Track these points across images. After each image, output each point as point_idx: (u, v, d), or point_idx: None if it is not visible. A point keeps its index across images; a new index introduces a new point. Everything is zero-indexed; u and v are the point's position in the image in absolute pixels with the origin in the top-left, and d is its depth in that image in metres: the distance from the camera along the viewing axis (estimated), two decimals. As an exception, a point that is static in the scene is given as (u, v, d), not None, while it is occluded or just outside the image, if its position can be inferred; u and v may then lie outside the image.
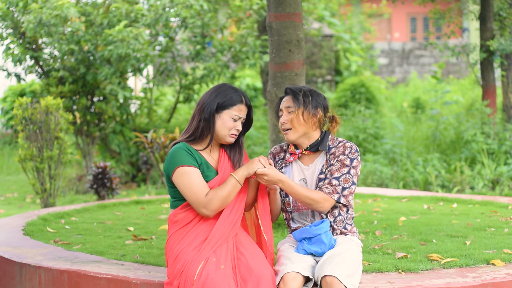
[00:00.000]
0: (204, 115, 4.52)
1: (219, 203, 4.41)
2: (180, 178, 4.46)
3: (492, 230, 6.38)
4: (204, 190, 4.43)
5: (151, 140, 10.59)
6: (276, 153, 4.97)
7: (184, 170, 4.45)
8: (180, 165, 4.46)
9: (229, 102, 4.54)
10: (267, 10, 6.71)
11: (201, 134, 4.55)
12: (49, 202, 9.49)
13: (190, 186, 4.43)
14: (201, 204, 4.42)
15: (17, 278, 5.45)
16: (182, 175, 4.46)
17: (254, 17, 14.32)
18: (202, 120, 4.53)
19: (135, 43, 12.06)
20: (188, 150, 4.50)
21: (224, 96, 4.54)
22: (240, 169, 4.46)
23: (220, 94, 4.55)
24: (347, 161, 4.68)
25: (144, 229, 6.88)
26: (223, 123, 4.54)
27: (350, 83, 19.14)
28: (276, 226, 6.59)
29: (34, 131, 9.28)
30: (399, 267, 4.94)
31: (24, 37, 12.62)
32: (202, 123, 4.53)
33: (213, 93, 4.56)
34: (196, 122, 4.55)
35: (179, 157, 4.47)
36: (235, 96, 4.56)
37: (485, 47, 13.42)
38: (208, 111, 4.52)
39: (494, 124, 13.42)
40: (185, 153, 4.48)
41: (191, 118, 4.61)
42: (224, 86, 4.61)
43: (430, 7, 15.03)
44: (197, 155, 4.53)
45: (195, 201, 4.43)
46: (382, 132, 15.20)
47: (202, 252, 4.35)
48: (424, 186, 12.49)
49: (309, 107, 4.72)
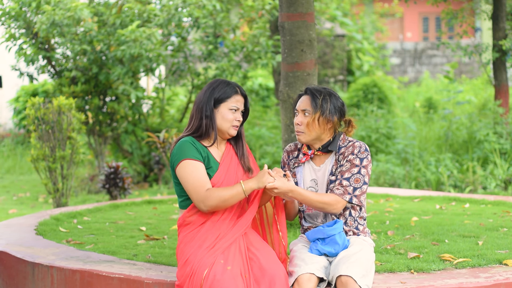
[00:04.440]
0: (204, 113, 4.56)
1: (217, 202, 4.41)
2: (183, 171, 4.48)
3: (504, 230, 6.37)
4: (205, 185, 4.44)
5: (163, 140, 10.60)
6: (290, 151, 4.96)
7: (188, 163, 4.48)
8: (185, 158, 4.48)
9: (225, 95, 4.59)
10: (279, 10, 6.71)
11: (206, 131, 4.58)
12: (61, 202, 9.51)
13: (192, 179, 4.45)
14: (200, 197, 4.43)
15: (29, 278, 5.47)
16: (185, 168, 4.48)
17: (266, 17, 14.31)
18: (203, 117, 4.56)
19: (147, 43, 12.07)
20: (194, 144, 4.52)
21: (219, 90, 4.60)
22: (250, 181, 4.44)
23: (214, 89, 4.60)
24: (357, 160, 4.66)
25: (156, 229, 6.89)
26: (222, 116, 4.58)
27: (362, 83, 19.12)
28: (288, 226, 6.59)
29: (46, 131, 9.30)
30: (411, 267, 4.94)
31: (36, 37, 12.65)
32: (205, 121, 4.56)
33: (207, 90, 4.61)
34: (197, 120, 4.59)
35: (184, 150, 4.50)
36: (229, 88, 4.61)
37: (498, 47, 13.37)
38: (207, 108, 4.56)
39: (507, 124, 13.37)
40: (191, 146, 4.50)
41: (190, 118, 4.64)
42: (216, 82, 4.66)
43: (443, 7, 14.98)
44: (202, 149, 4.55)
45: (194, 194, 4.44)
46: (394, 132, 15.18)
47: (211, 254, 4.36)
48: (436, 186, 12.46)
49: (326, 113, 4.70)
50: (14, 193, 13.31)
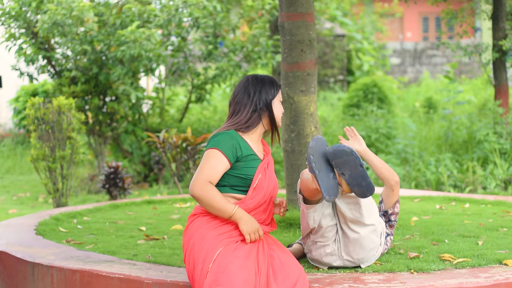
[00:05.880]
0: (258, 106, 4.65)
1: (203, 198, 4.43)
2: (208, 157, 4.51)
3: (504, 230, 6.37)
4: (211, 178, 4.47)
5: (163, 140, 10.60)
6: None
7: (217, 154, 4.51)
8: (218, 148, 4.51)
9: (278, 88, 4.75)
10: (279, 10, 6.71)
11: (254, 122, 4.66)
12: (61, 201, 9.51)
13: (207, 167, 4.47)
14: (198, 181, 4.44)
15: (29, 278, 5.47)
16: (212, 156, 4.51)
17: (266, 17, 14.31)
18: (256, 110, 4.65)
19: (147, 43, 12.08)
20: (237, 142, 4.57)
21: (270, 85, 4.72)
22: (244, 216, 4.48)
23: (265, 84, 4.71)
24: None
25: (156, 229, 6.89)
26: (277, 108, 4.73)
27: (362, 83, 19.10)
28: (288, 226, 6.59)
29: (46, 131, 9.30)
30: (411, 267, 4.94)
31: (36, 37, 12.66)
32: (257, 113, 4.66)
33: (257, 86, 4.70)
34: (248, 113, 4.65)
35: (223, 142, 4.53)
36: (276, 83, 4.75)
37: (498, 47, 13.37)
38: (265, 102, 4.67)
39: (507, 124, 13.37)
40: (230, 143, 4.54)
41: (236, 112, 4.69)
42: (260, 77, 4.75)
43: (443, 6, 14.98)
44: (245, 147, 4.60)
45: (197, 174, 4.46)
46: (394, 132, 15.18)
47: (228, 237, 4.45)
48: (436, 186, 12.46)
49: None
50: (14, 193, 13.31)
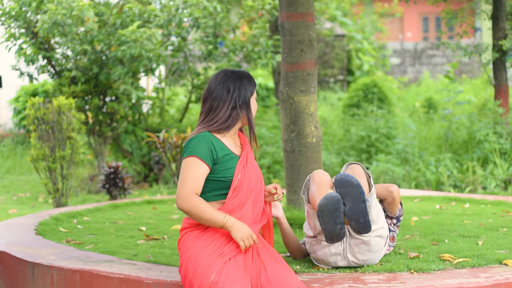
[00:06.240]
0: (238, 103, 4.53)
1: (192, 211, 4.34)
2: (187, 166, 4.41)
3: (504, 230, 6.37)
4: (195, 189, 4.36)
5: (163, 140, 10.60)
6: None
7: (195, 161, 4.40)
8: (195, 155, 4.40)
9: (254, 85, 4.65)
10: (279, 10, 6.71)
11: (233, 120, 4.53)
12: (61, 201, 9.51)
13: (188, 178, 4.37)
14: (183, 194, 4.35)
15: (29, 278, 5.47)
16: (190, 165, 4.40)
17: (266, 17, 14.31)
18: (236, 107, 4.52)
19: (148, 43, 12.08)
20: (211, 144, 4.45)
21: (248, 81, 4.60)
22: (236, 223, 4.37)
23: (243, 80, 4.59)
24: None
25: (156, 229, 6.89)
26: (254, 106, 4.65)
27: (362, 83, 19.09)
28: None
29: (46, 131, 9.30)
30: (411, 267, 4.94)
31: (36, 37, 12.66)
32: (236, 110, 4.53)
33: (236, 81, 4.56)
34: (227, 110, 4.51)
35: (198, 147, 4.41)
36: (253, 79, 4.65)
37: (498, 47, 13.36)
38: (244, 99, 4.56)
39: (507, 124, 13.37)
40: (205, 146, 4.42)
41: (214, 109, 4.54)
42: (238, 72, 4.61)
43: (443, 6, 14.98)
44: (220, 148, 4.48)
45: (180, 188, 4.36)
46: (394, 132, 15.17)
47: (220, 258, 4.33)
48: (436, 186, 12.46)
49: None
50: (14, 193, 13.31)
